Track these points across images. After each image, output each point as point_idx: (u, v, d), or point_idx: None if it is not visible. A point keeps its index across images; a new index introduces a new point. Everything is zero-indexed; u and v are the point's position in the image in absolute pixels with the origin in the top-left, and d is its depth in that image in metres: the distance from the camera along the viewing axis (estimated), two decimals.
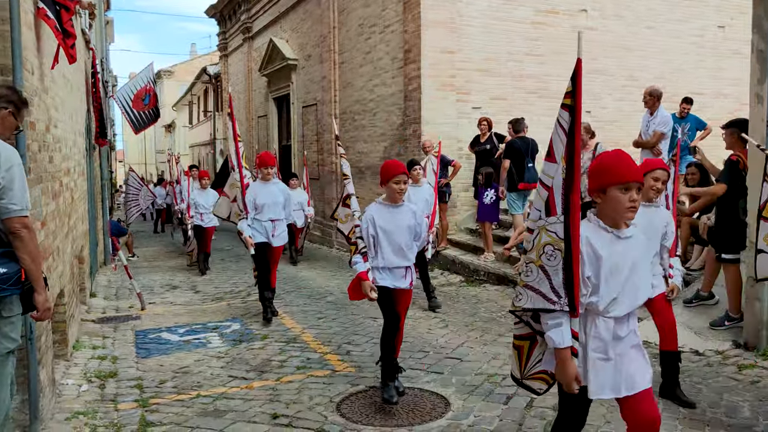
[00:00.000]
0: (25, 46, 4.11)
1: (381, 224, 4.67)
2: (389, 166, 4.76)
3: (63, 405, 4.82)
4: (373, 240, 4.68)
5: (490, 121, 10.64)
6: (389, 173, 4.67)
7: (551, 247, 2.68)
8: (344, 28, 14.59)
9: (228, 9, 23.79)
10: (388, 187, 4.69)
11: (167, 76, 47.07)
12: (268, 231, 7.54)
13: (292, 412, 4.66)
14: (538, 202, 2.87)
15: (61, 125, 6.23)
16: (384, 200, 4.80)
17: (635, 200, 2.71)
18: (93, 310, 8.36)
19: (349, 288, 4.90)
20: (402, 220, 4.73)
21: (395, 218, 4.71)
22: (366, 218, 4.71)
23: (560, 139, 2.71)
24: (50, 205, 5.15)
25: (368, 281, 4.55)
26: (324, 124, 15.62)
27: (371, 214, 4.70)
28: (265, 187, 7.65)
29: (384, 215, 4.71)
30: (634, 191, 2.71)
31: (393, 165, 4.79)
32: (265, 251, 7.59)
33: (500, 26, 11.84)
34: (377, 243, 4.68)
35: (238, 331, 7.12)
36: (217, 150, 28.88)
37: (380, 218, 4.69)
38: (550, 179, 2.79)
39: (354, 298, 4.90)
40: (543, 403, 4.68)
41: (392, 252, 4.69)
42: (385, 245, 4.68)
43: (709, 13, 13.65)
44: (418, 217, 4.84)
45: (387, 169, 4.71)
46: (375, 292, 4.54)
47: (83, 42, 9.58)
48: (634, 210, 2.72)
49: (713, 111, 13.07)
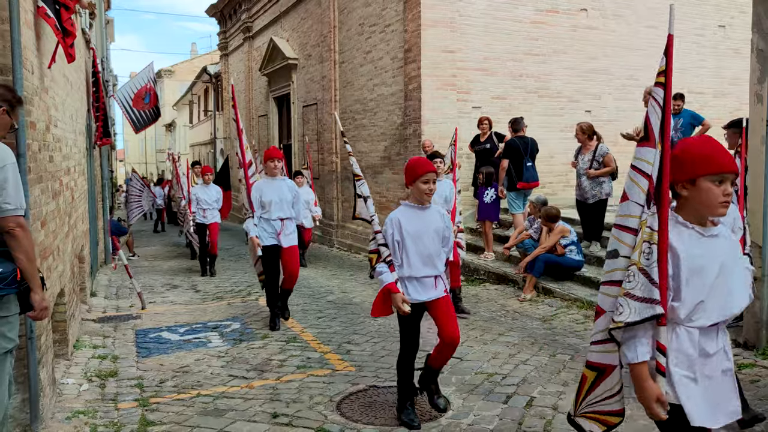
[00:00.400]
0: (24, 46, 4.11)
1: (407, 228, 4.18)
2: (416, 164, 4.27)
3: (63, 404, 4.82)
4: (398, 246, 4.21)
5: (490, 121, 10.65)
6: (416, 172, 4.19)
7: (647, 243, 2.36)
8: (344, 27, 14.59)
9: (228, 8, 23.81)
10: (415, 187, 4.21)
11: (168, 76, 47.09)
12: (277, 230, 7.05)
13: (292, 411, 4.66)
14: (637, 194, 2.48)
15: (61, 125, 6.23)
16: (409, 201, 4.33)
17: (729, 194, 2.36)
18: (93, 310, 8.37)
19: (375, 303, 4.31)
20: (430, 223, 4.25)
21: (423, 221, 4.23)
22: (391, 222, 4.24)
23: (659, 120, 2.42)
24: (50, 205, 5.15)
25: (399, 293, 4.08)
26: (324, 124, 15.63)
27: (396, 217, 4.24)
28: (271, 183, 7.16)
29: (410, 218, 4.23)
30: (728, 183, 2.36)
31: (420, 163, 4.28)
32: (274, 254, 7.12)
33: (500, 26, 11.85)
34: (403, 249, 4.20)
35: (239, 331, 7.13)
36: (218, 149, 28.90)
37: (406, 222, 4.21)
38: (649, 166, 2.44)
39: (379, 314, 4.31)
40: (543, 403, 4.68)
41: (419, 259, 4.20)
42: (412, 252, 4.19)
43: (709, 12, 13.66)
44: (446, 220, 4.37)
45: (414, 168, 4.23)
46: (408, 305, 4.09)
47: (83, 41, 9.58)
48: (727, 205, 2.37)
49: (714, 110, 13.09)
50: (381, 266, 4.17)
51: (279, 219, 7.07)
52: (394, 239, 4.20)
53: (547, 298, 8.10)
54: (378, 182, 13.01)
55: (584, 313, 7.35)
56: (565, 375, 5.30)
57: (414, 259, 4.19)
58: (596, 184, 8.40)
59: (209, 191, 11.45)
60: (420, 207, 4.26)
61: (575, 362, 5.64)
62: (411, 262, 4.20)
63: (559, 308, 7.59)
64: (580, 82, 12.48)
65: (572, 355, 5.85)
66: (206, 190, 11.46)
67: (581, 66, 12.49)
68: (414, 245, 4.18)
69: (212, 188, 11.55)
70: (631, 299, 2.34)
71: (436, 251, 4.26)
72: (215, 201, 11.43)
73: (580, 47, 12.50)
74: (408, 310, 4.07)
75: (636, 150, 2.51)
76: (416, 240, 4.18)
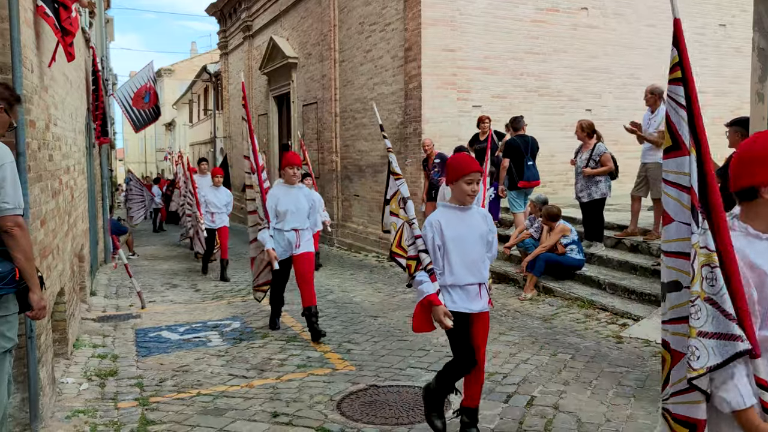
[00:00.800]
0: (24, 44, 4.10)
1: (449, 232, 3.79)
2: (460, 161, 3.88)
3: (63, 403, 4.81)
4: (439, 251, 3.82)
5: (490, 119, 10.62)
6: (460, 170, 3.79)
7: (708, 268, 2.00)
8: (345, 26, 14.58)
9: (228, 7, 23.80)
10: (457, 186, 3.82)
11: (167, 75, 47.08)
12: (292, 243, 6.63)
13: (293, 410, 4.65)
14: (681, 212, 2.14)
15: (61, 123, 6.22)
16: (450, 202, 3.97)
17: None
18: (93, 309, 8.36)
19: (415, 316, 3.87)
20: (473, 225, 3.88)
21: (465, 224, 3.86)
22: (431, 225, 3.83)
23: (684, 121, 2.14)
24: (50, 204, 5.14)
25: (441, 305, 3.66)
26: (324, 123, 15.61)
27: (437, 219, 3.84)
28: (288, 191, 6.70)
29: (451, 220, 3.84)
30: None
31: (465, 160, 3.89)
32: (285, 266, 6.74)
33: (501, 24, 11.84)
34: (444, 255, 3.81)
35: (239, 330, 7.12)
36: (217, 148, 28.87)
37: (447, 225, 3.82)
38: (686, 177, 2.12)
39: (420, 330, 3.88)
40: (543, 402, 4.68)
41: (463, 266, 3.80)
42: (455, 258, 3.79)
43: (710, 11, 13.65)
44: (489, 223, 4.00)
45: (457, 166, 3.84)
46: (450, 319, 3.68)
47: (83, 40, 9.57)
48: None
49: (715, 109, 13.08)
50: (421, 275, 3.74)
51: (293, 230, 6.65)
52: (435, 244, 3.80)
53: (547, 297, 8.09)
54: (378, 181, 13.00)
55: (585, 312, 7.34)
56: (565, 374, 5.29)
57: (457, 265, 3.80)
58: (591, 183, 8.35)
59: (219, 194, 10.92)
60: (461, 208, 3.88)
61: (576, 361, 5.63)
62: (453, 269, 3.80)
63: (560, 307, 7.58)
64: (580, 81, 12.47)
65: (573, 354, 5.84)
66: (216, 193, 10.90)
67: (582, 65, 12.47)
68: (456, 250, 3.80)
69: (222, 191, 11.01)
70: (705, 338, 1.97)
71: (480, 257, 3.89)
72: (225, 205, 10.97)
73: (580, 46, 12.49)
74: (450, 324, 3.65)
75: (664, 162, 2.20)
76: (459, 245, 3.80)
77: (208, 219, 10.77)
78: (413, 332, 4.01)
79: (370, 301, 8.51)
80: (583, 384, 5.05)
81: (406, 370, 5.51)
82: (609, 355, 5.82)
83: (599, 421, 4.33)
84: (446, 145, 11.27)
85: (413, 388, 5.06)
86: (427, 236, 3.81)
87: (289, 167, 6.73)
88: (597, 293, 7.83)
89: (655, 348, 5.88)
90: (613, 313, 7.18)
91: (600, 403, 4.65)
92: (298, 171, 6.79)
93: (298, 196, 6.75)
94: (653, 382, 5.07)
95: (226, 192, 11.06)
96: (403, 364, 5.68)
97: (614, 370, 5.38)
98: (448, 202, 3.97)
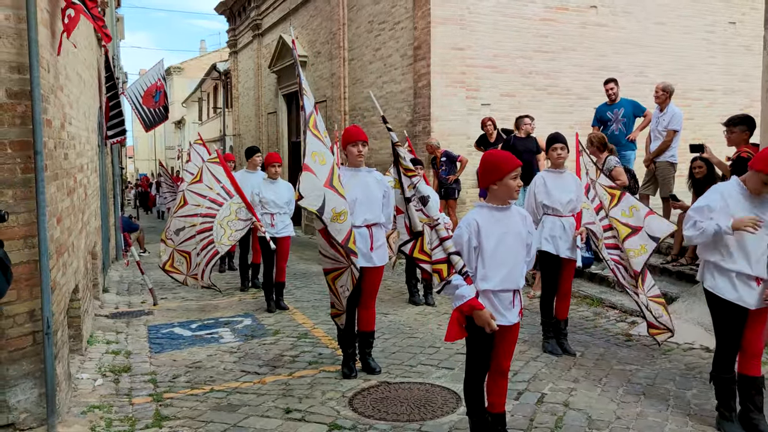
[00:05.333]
0: (41, 44, 4.16)
1: (486, 233, 3.52)
2: (500, 159, 3.59)
3: (79, 399, 4.88)
4: (474, 253, 3.54)
5: (494, 121, 10.53)
6: (504, 168, 3.53)
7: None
8: (354, 25, 14.62)
9: (238, 6, 23.87)
10: (503, 185, 3.54)
11: (177, 73, 47.26)
12: (366, 242, 5.20)
13: (305, 406, 4.70)
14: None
15: (76, 122, 6.30)
16: (488, 202, 3.67)
17: None
18: (106, 306, 8.45)
19: (451, 324, 3.50)
20: (511, 227, 3.60)
21: (503, 225, 3.58)
22: (468, 225, 3.56)
23: None
24: (65, 202, 5.21)
25: (485, 309, 3.39)
26: (334, 121, 15.66)
27: (474, 219, 3.56)
28: (355, 174, 5.32)
29: (489, 221, 3.56)
30: None
31: (505, 157, 3.60)
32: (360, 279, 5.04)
33: (510, 23, 11.84)
34: (480, 258, 3.53)
35: (250, 327, 7.17)
36: (227, 146, 28.96)
37: (485, 225, 3.54)
38: None
39: (454, 338, 3.50)
40: (554, 399, 4.71)
41: (499, 270, 3.53)
42: (490, 261, 3.52)
43: (719, 8, 13.60)
44: (529, 224, 3.73)
45: (498, 164, 3.56)
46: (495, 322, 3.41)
47: (95, 39, 9.65)
48: None
49: (724, 107, 13.05)
50: (456, 279, 3.43)
51: (365, 225, 5.23)
52: (471, 246, 3.52)
53: None
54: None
55: (594, 310, 7.36)
56: (575, 372, 5.32)
57: (492, 269, 3.53)
58: None
59: (278, 189, 7.99)
60: (499, 208, 3.61)
61: (585, 359, 5.66)
62: (488, 273, 3.53)
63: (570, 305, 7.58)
64: (589, 80, 12.45)
65: (582, 352, 5.86)
66: (275, 188, 7.96)
67: (591, 63, 12.46)
68: (493, 253, 3.53)
69: (281, 185, 8.08)
70: None
71: (518, 261, 3.62)
72: (287, 203, 7.99)
73: (589, 44, 12.48)
74: (497, 327, 3.39)
75: None
76: (496, 247, 3.53)
77: (266, 224, 7.77)
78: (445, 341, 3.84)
79: (380, 298, 8.50)
80: (593, 381, 5.08)
81: (416, 367, 5.55)
82: (618, 353, 5.84)
83: (609, 418, 4.36)
84: (455, 143, 11.31)
85: (424, 384, 5.10)
86: (462, 237, 3.53)
87: (353, 145, 5.29)
88: (606, 291, 7.85)
89: (664, 346, 5.90)
90: (622, 311, 7.20)
91: (610, 400, 4.68)
92: (363, 148, 5.29)
93: (368, 181, 5.34)
94: (663, 379, 5.09)
95: (287, 186, 8.21)
96: (413, 361, 5.72)
97: (624, 367, 5.41)
98: (486, 203, 3.67)
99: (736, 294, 3.96)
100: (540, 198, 5.84)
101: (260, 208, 7.77)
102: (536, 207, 5.87)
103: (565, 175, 5.87)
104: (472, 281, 3.47)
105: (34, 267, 4.10)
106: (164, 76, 14.47)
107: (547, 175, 5.88)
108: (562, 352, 5.81)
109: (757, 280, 3.95)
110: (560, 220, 5.77)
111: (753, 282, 3.96)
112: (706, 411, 4.41)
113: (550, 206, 5.80)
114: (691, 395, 4.75)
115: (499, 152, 3.76)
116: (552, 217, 5.80)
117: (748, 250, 3.94)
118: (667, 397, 4.73)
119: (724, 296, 3.99)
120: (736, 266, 3.96)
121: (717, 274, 4.03)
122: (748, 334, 4.05)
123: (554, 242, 5.75)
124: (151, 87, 13.93)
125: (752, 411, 4.06)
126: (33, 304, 4.12)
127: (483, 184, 3.69)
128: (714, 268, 4.05)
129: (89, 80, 8.32)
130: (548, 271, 5.92)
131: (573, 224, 5.77)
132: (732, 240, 3.95)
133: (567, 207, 5.78)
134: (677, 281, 7.45)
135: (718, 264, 4.01)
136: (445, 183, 10.74)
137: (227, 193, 7.77)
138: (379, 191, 5.34)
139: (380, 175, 5.51)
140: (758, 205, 3.96)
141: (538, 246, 5.58)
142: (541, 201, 5.84)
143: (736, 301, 3.97)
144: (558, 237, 5.74)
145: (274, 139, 20.91)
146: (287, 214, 7.98)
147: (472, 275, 3.52)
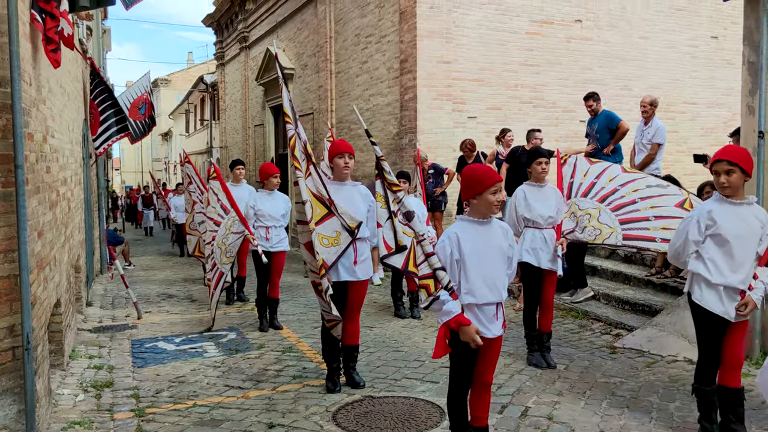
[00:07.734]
0: (22, 58, 4.13)
1: (467, 246, 3.54)
2: (483, 173, 3.62)
3: (59, 415, 4.82)
4: (456, 266, 3.55)
5: (472, 144, 10.50)
6: (484, 182, 3.57)
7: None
8: (341, 38, 14.67)
9: (225, 18, 23.90)
10: (482, 199, 3.58)
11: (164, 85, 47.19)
12: (350, 256, 5.16)
13: (288, 421, 4.67)
14: None
15: (59, 135, 6.26)
16: (468, 215, 3.72)
17: None
18: (89, 320, 8.37)
19: (438, 341, 3.53)
20: (491, 239, 3.64)
21: (484, 238, 3.61)
22: (449, 238, 3.58)
23: None
24: (47, 215, 5.16)
25: (472, 325, 3.42)
26: (320, 134, 15.67)
27: (455, 232, 3.59)
28: (340, 188, 5.20)
29: (470, 234, 3.59)
30: None
31: (486, 171, 3.64)
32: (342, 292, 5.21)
33: (495, 36, 11.92)
34: (462, 271, 3.54)
35: (235, 341, 7.13)
36: (214, 159, 28.90)
37: (466, 238, 3.56)
38: None
39: (442, 355, 3.54)
40: (537, 413, 4.70)
41: (482, 283, 3.55)
42: (473, 274, 3.54)
43: (702, 23, 13.76)
44: (509, 238, 3.75)
45: (480, 179, 3.59)
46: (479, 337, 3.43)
47: (80, 51, 9.61)
48: None
49: (707, 120, 13.21)
50: (443, 294, 3.44)
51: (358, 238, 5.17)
52: (453, 259, 3.54)
53: None
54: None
55: (579, 322, 7.38)
56: (559, 385, 5.32)
57: (475, 282, 3.54)
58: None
59: (275, 201, 7.64)
60: (480, 221, 3.64)
61: (570, 372, 5.66)
62: (472, 286, 3.54)
63: (554, 318, 7.56)
64: (574, 93, 12.53)
65: (567, 365, 5.87)
66: (271, 200, 7.60)
67: (576, 76, 12.56)
68: (475, 266, 3.54)
69: (278, 197, 7.70)
70: None
71: (500, 273, 3.65)
72: (282, 215, 7.68)
73: (574, 58, 12.58)
74: (481, 342, 3.42)
75: None
76: (478, 260, 3.55)
77: (260, 237, 7.49)
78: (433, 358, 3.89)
79: (365, 311, 8.52)
80: (577, 394, 5.08)
81: (401, 381, 5.53)
82: (603, 365, 5.85)
83: (593, 431, 4.36)
84: (442, 155, 11.34)
85: (408, 398, 5.08)
86: (445, 250, 3.55)
87: (339, 157, 5.18)
88: (591, 303, 7.87)
89: (648, 359, 5.92)
90: (606, 324, 7.23)
91: (594, 413, 4.68)
92: (350, 161, 5.20)
93: (353, 195, 5.25)
94: (646, 392, 5.11)
95: (284, 198, 7.81)
96: (398, 375, 5.70)
97: (608, 380, 5.42)
98: (466, 216, 3.71)
99: (723, 308, 3.99)
100: (521, 211, 5.88)
101: (255, 220, 7.52)
102: (517, 220, 5.91)
103: (546, 188, 5.92)
104: (457, 296, 3.49)
105: (14, 282, 4.05)
106: (151, 89, 14.42)
107: (528, 189, 5.91)
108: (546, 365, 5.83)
109: (742, 293, 3.98)
110: (541, 232, 5.82)
111: (738, 296, 3.99)
112: (689, 423, 4.43)
113: (530, 219, 5.84)
114: (674, 407, 4.77)
115: (480, 167, 3.76)
116: (533, 229, 5.84)
117: (736, 262, 3.98)
118: (650, 409, 4.74)
119: (713, 310, 4.01)
120: (725, 280, 3.99)
121: (705, 287, 4.06)
122: (729, 347, 4.08)
123: (535, 254, 5.79)
124: (137, 99, 13.88)
125: (733, 422, 4.07)
126: (13, 319, 4.06)
127: (464, 198, 3.73)
128: (702, 281, 4.07)
129: (73, 93, 8.29)
130: (530, 283, 5.95)
131: (554, 236, 5.82)
132: (719, 253, 3.99)
133: (547, 221, 5.84)
134: (661, 293, 7.49)
135: (707, 279, 4.03)
136: (432, 195, 10.76)
137: (224, 209, 7.71)
138: (364, 205, 5.27)
139: (365, 189, 5.45)
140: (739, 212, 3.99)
141: (519, 258, 5.63)
142: (522, 214, 5.88)
143: (722, 314, 3.99)
144: (539, 249, 5.78)
145: (261, 152, 20.89)
146: (282, 226, 7.69)
147: (456, 289, 3.52)
